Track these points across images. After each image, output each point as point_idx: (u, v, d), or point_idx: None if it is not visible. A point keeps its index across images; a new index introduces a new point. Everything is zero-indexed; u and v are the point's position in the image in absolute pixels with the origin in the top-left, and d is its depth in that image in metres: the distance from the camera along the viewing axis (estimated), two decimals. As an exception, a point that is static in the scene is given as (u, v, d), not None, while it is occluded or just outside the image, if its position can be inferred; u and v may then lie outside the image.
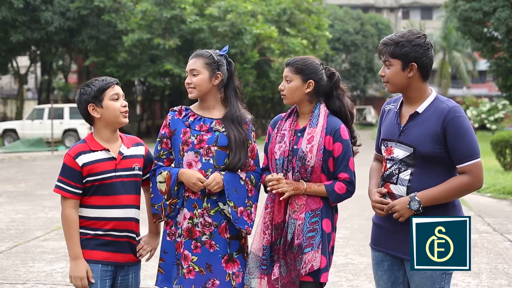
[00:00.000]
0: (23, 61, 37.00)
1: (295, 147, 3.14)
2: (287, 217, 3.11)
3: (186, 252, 3.14)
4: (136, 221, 3.11)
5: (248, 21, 27.64)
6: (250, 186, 3.20)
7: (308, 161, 3.09)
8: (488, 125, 34.70)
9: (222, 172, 3.14)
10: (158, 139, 3.27)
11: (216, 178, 3.10)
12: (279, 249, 3.12)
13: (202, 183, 3.09)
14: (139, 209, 3.14)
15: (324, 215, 3.11)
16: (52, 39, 28.22)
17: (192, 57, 3.28)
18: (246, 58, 28.10)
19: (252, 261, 3.17)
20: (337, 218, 3.23)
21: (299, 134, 3.18)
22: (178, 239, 3.17)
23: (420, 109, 2.89)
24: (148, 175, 3.22)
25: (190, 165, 3.16)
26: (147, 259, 3.26)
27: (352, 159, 3.15)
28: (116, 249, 3.03)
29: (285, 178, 3.13)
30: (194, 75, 3.22)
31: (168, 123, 3.25)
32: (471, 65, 47.40)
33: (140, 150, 3.16)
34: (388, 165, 2.95)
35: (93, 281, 2.97)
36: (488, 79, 48.69)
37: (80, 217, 3.02)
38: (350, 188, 3.13)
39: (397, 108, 2.99)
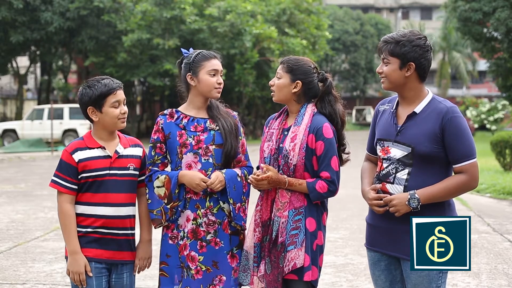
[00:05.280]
0: (22, 61, 36.98)
1: (281, 145, 3.17)
2: (272, 215, 3.14)
3: (192, 253, 3.16)
4: (131, 217, 3.13)
5: (247, 22, 27.65)
6: (244, 182, 3.23)
7: (291, 160, 3.10)
8: (487, 126, 34.69)
9: (223, 170, 3.17)
10: (151, 145, 3.26)
11: (218, 177, 3.12)
12: (265, 246, 3.15)
13: (204, 182, 3.10)
14: (134, 205, 3.15)
15: (308, 214, 3.11)
16: (51, 39, 28.21)
17: (216, 57, 3.28)
18: (246, 59, 28.10)
19: (245, 259, 3.20)
20: (325, 217, 3.21)
21: (285, 133, 3.20)
22: (181, 242, 3.18)
23: (418, 109, 2.91)
24: (144, 177, 3.22)
25: (189, 167, 3.18)
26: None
27: (335, 158, 3.12)
28: (109, 246, 3.04)
29: None
30: (220, 75, 3.27)
31: (160, 127, 3.24)
32: (471, 66, 47.41)
33: (137, 151, 3.17)
34: (385, 165, 2.96)
35: (91, 274, 2.99)
36: (487, 79, 48.68)
37: None
38: (331, 188, 3.11)
39: (393, 108, 3.00)
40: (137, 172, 3.15)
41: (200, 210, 3.17)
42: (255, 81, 29.45)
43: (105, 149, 3.06)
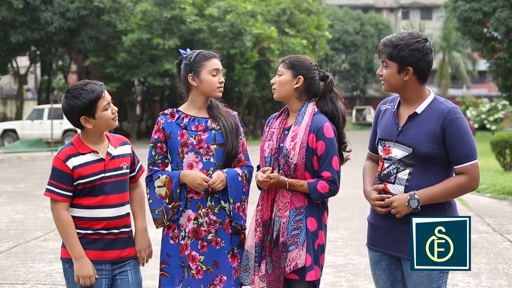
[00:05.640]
0: (23, 61, 36.97)
1: (281, 145, 3.17)
2: (273, 215, 3.15)
3: (193, 253, 3.16)
4: (129, 214, 3.13)
5: (247, 22, 27.65)
6: (244, 182, 3.24)
7: (291, 159, 3.10)
8: (488, 126, 34.68)
9: (224, 170, 3.17)
10: (151, 144, 3.25)
11: (220, 176, 3.13)
12: (266, 246, 3.15)
13: (206, 182, 3.10)
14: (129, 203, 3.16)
15: (309, 214, 3.12)
16: (52, 39, 28.22)
17: (216, 56, 3.28)
18: (246, 59, 28.10)
19: (246, 258, 3.21)
20: (326, 216, 3.22)
21: (286, 132, 3.20)
22: (182, 242, 3.18)
23: (419, 109, 2.90)
24: (134, 173, 3.21)
25: (191, 166, 3.18)
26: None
27: (336, 158, 3.13)
28: (108, 246, 3.02)
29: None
30: (221, 74, 3.28)
31: (161, 127, 3.24)
32: (471, 66, 47.41)
33: (127, 149, 3.15)
34: (386, 165, 2.96)
35: (97, 276, 2.98)
36: (488, 79, 48.69)
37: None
38: (332, 188, 3.11)
39: (395, 108, 3.00)
40: (128, 170, 3.14)
41: (201, 210, 3.17)
42: (255, 81, 29.46)
43: (97, 153, 3.02)
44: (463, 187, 2.84)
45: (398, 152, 2.91)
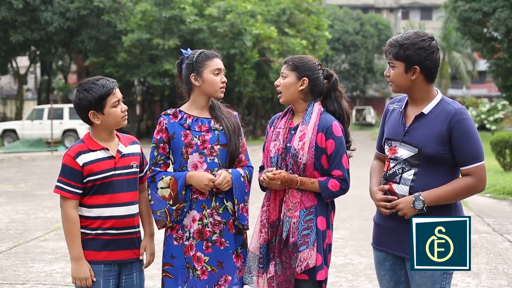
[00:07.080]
0: (22, 61, 36.97)
1: (288, 144, 3.16)
2: (282, 215, 3.13)
3: (198, 253, 3.15)
4: (138, 214, 3.13)
5: (247, 21, 27.66)
6: (246, 182, 3.23)
7: (300, 158, 3.10)
8: (487, 126, 34.70)
9: (229, 170, 3.17)
10: (153, 145, 3.22)
11: (226, 177, 3.12)
12: (274, 247, 3.13)
13: (212, 183, 3.10)
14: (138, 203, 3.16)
15: (319, 213, 3.11)
16: (51, 39, 28.21)
17: (218, 56, 3.27)
18: (245, 59, 28.10)
19: (251, 260, 3.20)
20: (333, 215, 3.22)
21: (292, 132, 3.19)
22: (187, 242, 3.17)
23: (426, 110, 2.89)
24: (142, 174, 3.20)
25: (195, 167, 3.16)
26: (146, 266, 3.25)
27: (345, 156, 3.14)
28: (118, 247, 3.02)
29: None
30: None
31: (164, 127, 3.21)
32: (471, 66, 47.43)
33: (136, 149, 3.16)
34: (392, 165, 2.95)
35: (95, 279, 2.98)
36: (487, 79, 48.68)
37: (80, 216, 3.00)
38: (343, 186, 3.11)
39: (402, 108, 3.00)
40: (138, 170, 3.14)
41: (206, 210, 3.15)
42: (255, 81, 29.45)
43: (108, 150, 3.03)
44: (469, 189, 2.83)
45: (404, 152, 2.91)
